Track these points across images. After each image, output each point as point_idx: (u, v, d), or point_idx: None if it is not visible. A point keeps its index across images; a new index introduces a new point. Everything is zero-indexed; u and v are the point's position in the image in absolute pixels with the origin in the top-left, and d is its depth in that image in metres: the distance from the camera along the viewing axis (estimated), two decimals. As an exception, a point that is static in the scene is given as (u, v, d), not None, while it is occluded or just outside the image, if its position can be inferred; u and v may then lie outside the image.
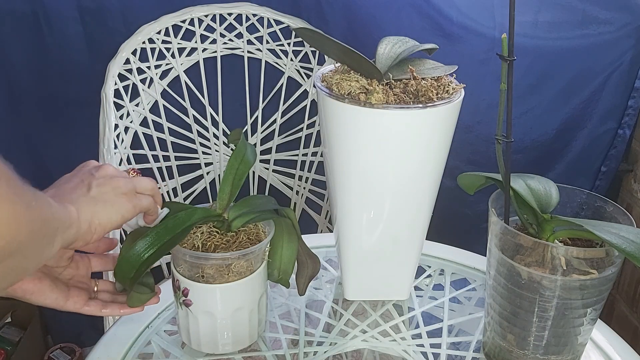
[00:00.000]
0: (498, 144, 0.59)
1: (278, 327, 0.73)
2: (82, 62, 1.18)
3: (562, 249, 0.57)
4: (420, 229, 0.73)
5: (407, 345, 0.71)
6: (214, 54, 1.22)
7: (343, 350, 0.70)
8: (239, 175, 0.65)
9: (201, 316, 0.64)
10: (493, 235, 0.62)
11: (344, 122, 0.65)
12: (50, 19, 1.14)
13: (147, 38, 1.15)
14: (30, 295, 0.58)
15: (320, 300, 0.78)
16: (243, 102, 1.26)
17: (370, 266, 0.75)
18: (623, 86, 1.28)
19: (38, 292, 0.58)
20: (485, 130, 1.27)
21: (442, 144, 0.67)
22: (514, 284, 0.60)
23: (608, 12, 1.23)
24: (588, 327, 0.61)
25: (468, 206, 1.33)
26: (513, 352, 0.64)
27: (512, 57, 0.55)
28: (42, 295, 0.59)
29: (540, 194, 0.63)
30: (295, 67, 1.25)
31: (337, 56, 0.67)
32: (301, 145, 1.30)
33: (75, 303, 0.62)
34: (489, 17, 1.21)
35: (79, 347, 1.46)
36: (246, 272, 0.64)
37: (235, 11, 1.20)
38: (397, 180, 0.67)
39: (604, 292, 0.59)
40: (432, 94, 0.64)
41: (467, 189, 0.71)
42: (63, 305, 0.61)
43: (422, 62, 0.70)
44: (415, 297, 0.79)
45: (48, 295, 0.59)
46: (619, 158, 1.35)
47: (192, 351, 0.68)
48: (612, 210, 0.63)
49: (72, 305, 0.62)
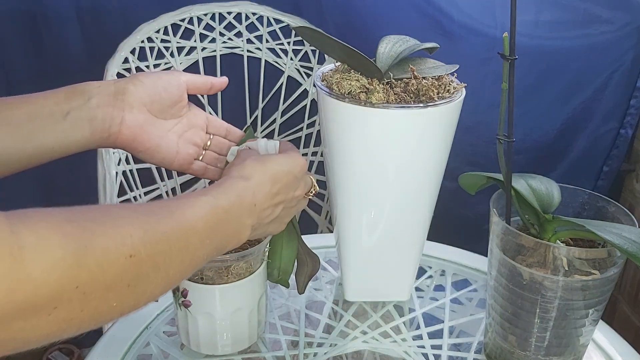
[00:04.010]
0: (499, 144, 0.59)
1: (278, 328, 0.73)
2: (80, 61, 1.18)
3: (564, 250, 0.57)
4: (421, 230, 0.73)
5: (407, 346, 0.71)
6: (213, 53, 1.22)
7: (343, 352, 0.70)
8: None
9: (200, 317, 0.64)
10: (494, 235, 0.62)
11: (344, 122, 0.64)
12: (49, 19, 1.14)
13: (146, 37, 1.15)
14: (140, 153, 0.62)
15: (321, 301, 0.78)
16: (243, 101, 1.25)
17: (371, 267, 0.74)
18: (625, 86, 1.28)
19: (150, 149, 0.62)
20: (486, 130, 1.26)
21: (443, 144, 0.67)
22: (516, 285, 0.60)
23: (609, 11, 1.23)
24: (590, 328, 0.61)
25: (469, 206, 1.33)
26: (514, 353, 0.63)
27: (514, 56, 0.55)
28: (155, 151, 0.62)
29: (542, 194, 0.62)
30: (295, 67, 1.25)
31: (337, 55, 0.67)
32: (301, 145, 1.29)
33: (184, 160, 0.64)
34: (490, 16, 1.20)
35: (78, 348, 1.46)
36: (245, 273, 0.64)
37: (235, 10, 1.20)
38: (398, 180, 0.67)
39: (605, 292, 0.59)
40: (433, 94, 0.63)
41: (468, 189, 0.71)
42: (172, 162, 0.64)
43: (423, 61, 0.70)
44: (416, 298, 0.79)
45: (160, 151, 0.62)
46: (621, 158, 1.35)
47: (191, 352, 0.67)
48: (614, 210, 0.63)
49: (179, 162, 0.64)
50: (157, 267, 0.42)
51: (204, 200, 0.48)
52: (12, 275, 0.33)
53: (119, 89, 0.60)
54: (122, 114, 0.60)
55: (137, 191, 1.17)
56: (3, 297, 0.33)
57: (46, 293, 0.35)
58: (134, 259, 0.39)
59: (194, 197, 0.48)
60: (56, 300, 0.35)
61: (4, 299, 0.33)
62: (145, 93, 0.61)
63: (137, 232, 0.40)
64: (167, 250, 0.43)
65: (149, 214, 0.43)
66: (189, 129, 0.66)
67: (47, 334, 0.37)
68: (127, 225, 0.40)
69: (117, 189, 1.11)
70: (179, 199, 0.47)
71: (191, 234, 0.45)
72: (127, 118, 0.60)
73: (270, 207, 0.56)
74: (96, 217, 0.39)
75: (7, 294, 0.33)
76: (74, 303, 0.36)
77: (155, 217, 0.43)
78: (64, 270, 0.35)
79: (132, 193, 1.16)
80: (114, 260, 0.38)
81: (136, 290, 0.41)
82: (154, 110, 0.62)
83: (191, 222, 0.46)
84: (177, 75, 0.65)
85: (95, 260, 0.37)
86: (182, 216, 0.45)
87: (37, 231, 0.35)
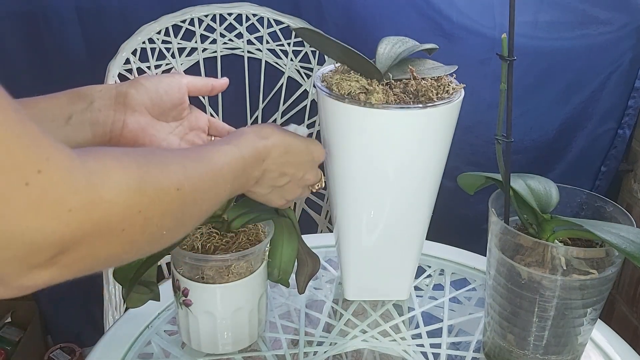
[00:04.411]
0: (498, 144, 0.59)
1: (278, 327, 0.73)
2: (81, 62, 1.18)
3: (562, 249, 0.57)
4: (420, 229, 0.73)
5: (407, 345, 0.71)
6: (214, 54, 1.22)
7: (343, 350, 0.70)
8: None
9: (201, 316, 0.64)
10: (493, 235, 0.62)
11: (344, 122, 0.65)
12: (50, 20, 1.14)
13: (147, 38, 1.15)
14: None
15: (320, 300, 0.78)
16: (243, 102, 1.25)
17: (370, 266, 0.75)
18: (623, 86, 1.28)
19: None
20: (485, 130, 1.27)
21: (442, 144, 0.67)
22: (514, 284, 0.60)
23: (608, 12, 1.23)
24: (588, 327, 0.61)
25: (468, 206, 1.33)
26: (513, 352, 0.64)
27: (512, 57, 0.55)
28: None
29: (540, 194, 0.63)
30: (295, 67, 1.25)
31: (337, 56, 0.67)
32: (301, 145, 1.29)
33: None
34: (489, 17, 1.21)
35: (79, 347, 1.46)
36: (246, 272, 0.64)
37: (235, 11, 1.20)
38: (397, 180, 0.67)
39: (604, 292, 0.59)
40: (432, 94, 0.64)
41: (467, 189, 0.71)
42: None
43: (422, 62, 0.70)
44: (415, 297, 0.79)
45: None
46: (619, 158, 1.35)
47: (192, 351, 0.68)
48: (612, 210, 0.63)
49: None
50: (195, 201, 0.47)
51: (227, 149, 0.53)
52: (89, 195, 0.36)
53: (120, 93, 0.61)
54: (124, 117, 0.61)
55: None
56: (85, 213, 0.36)
57: (117, 214, 0.38)
58: (180, 192, 0.44)
59: (219, 145, 0.53)
60: (124, 221, 0.39)
61: (86, 215, 0.36)
62: (147, 96, 0.62)
63: (181, 170, 0.45)
64: (203, 189, 0.48)
65: (186, 157, 0.48)
66: (191, 131, 0.67)
67: (115, 255, 0.40)
68: (171, 165, 0.44)
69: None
70: (208, 146, 0.52)
71: (219, 176, 0.51)
72: (129, 121, 0.61)
73: (277, 172, 0.59)
74: (148, 155, 0.44)
75: (87, 211, 0.36)
76: (137, 226, 0.40)
77: (192, 160, 0.48)
78: (129, 195, 0.39)
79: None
80: (166, 190, 0.42)
81: (181, 220, 0.46)
82: (155, 113, 0.63)
83: (219, 166, 0.51)
84: (178, 77, 0.65)
85: (152, 189, 0.41)
86: (212, 161, 0.50)
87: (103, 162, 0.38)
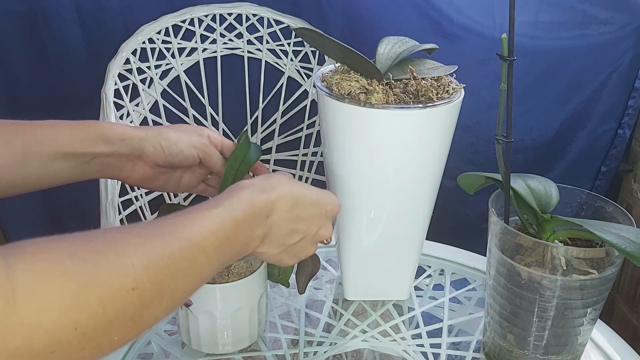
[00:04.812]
0: (498, 144, 0.59)
1: (278, 327, 0.73)
2: (81, 62, 1.18)
3: (562, 249, 0.57)
4: (420, 229, 0.73)
5: (407, 345, 0.71)
6: (214, 54, 1.22)
7: (343, 350, 0.70)
8: (239, 175, 0.65)
9: (201, 316, 0.64)
10: (493, 235, 0.62)
11: (344, 122, 0.65)
12: (50, 20, 1.14)
13: (147, 38, 1.15)
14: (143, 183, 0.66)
15: (320, 300, 0.78)
16: (243, 102, 1.26)
17: (370, 266, 0.75)
18: (623, 86, 1.28)
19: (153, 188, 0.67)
20: (485, 130, 1.27)
21: (442, 144, 0.67)
22: (514, 284, 0.60)
23: (608, 12, 1.23)
24: (588, 327, 0.61)
25: (468, 206, 1.33)
26: (513, 352, 0.64)
27: (512, 57, 0.55)
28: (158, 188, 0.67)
29: (540, 194, 0.63)
30: (295, 67, 1.25)
31: (337, 56, 0.67)
32: (301, 145, 1.30)
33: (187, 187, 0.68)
34: (489, 17, 1.21)
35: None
36: (246, 272, 0.64)
37: (235, 11, 1.20)
38: (397, 180, 0.67)
39: (604, 292, 0.59)
40: (432, 94, 0.64)
41: (467, 188, 0.71)
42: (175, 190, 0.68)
43: (422, 62, 0.70)
44: (415, 297, 0.79)
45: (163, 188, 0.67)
46: (619, 158, 1.35)
47: (192, 351, 0.68)
48: (612, 210, 0.63)
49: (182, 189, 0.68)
50: (161, 293, 0.40)
51: (215, 214, 0.46)
52: (5, 320, 0.31)
53: (138, 147, 0.62)
54: (134, 168, 0.63)
55: (138, 191, 1.18)
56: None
57: (42, 338, 0.33)
58: (137, 290, 0.38)
59: (205, 209, 0.46)
60: (53, 344, 0.34)
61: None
62: (160, 157, 0.63)
63: (141, 260, 0.39)
64: (173, 273, 0.41)
65: (155, 236, 0.41)
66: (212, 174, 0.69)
67: None
68: (130, 254, 0.38)
69: (119, 189, 1.11)
70: (189, 213, 0.45)
71: (198, 251, 0.44)
72: (137, 171, 0.64)
73: (286, 229, 0.53)
74: (99, 247, 0.38)
75: (1, 339, 0.31)
76: (73, 345, 0.35)
77: (161, 240, 0.41)
78: (61, 313, 0.34)
79: (134, 193, 1.17)
80: (115, 294, 0.37)
81: (139, 321, 0.39)
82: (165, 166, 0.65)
83: (199, 238, 0.44)
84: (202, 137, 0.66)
85: (96, 298, 0.35)
86: (190, 233, 0.43)
87: (34, 271, 0.33)
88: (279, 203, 0.52)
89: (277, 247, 0.55)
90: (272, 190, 0.52)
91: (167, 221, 0.44)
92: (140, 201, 1.17)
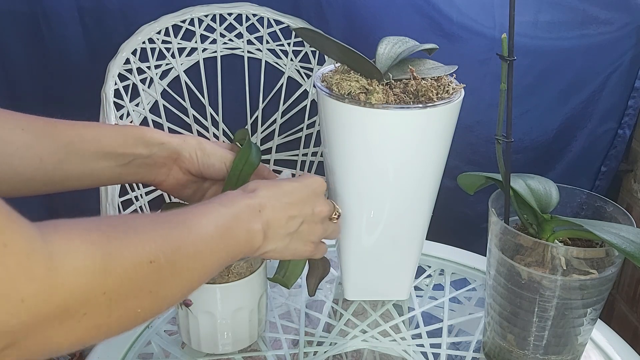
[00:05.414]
0: (498, 144, 0.59)
1: (278, 327, 0.73)
2: (82, 62, 1.18)
3: (562, 249, 0.57)
4: (420, 229, 0.73)
5: (407, 345, 0.71)
6: (214, 54, 1.22)
7: (343, 350, 0.70)
8: (243, 176, 0.64)
9: (201, 316, 0.64)
10: (493, 235, 0.62)
11: (344, 122, 0.65)
12: (50, 19, 1.14)
13: (147, 38, 1.15)
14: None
15: (320, 300, 0.78)
16: (243, 102, 1.26)
17: (370, 266, 0.75)
18: (623, 86, 1.28)
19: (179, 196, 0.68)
20: (485, 130, 1.27)
21: (442, 144, 0.67)
22: (514, 284, 0.60)
23: (608, 12, 1.23)
24: (588, 327, 0.61)
25: (468, 206, 1.33)
26: (513, 352, 0.64)
27: (512, 57, 0.55)
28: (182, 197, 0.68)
29: (540, 194, 0.63)
30: (295, 67, 1.25)
31: (337, 56, 0.67)
32: (301, 145, 1.30)
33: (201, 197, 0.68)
34: (489, 17, 1.21)
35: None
36: (246, 272, 0.64)
37: (235, 11, 1.20)
38: (397, 180, 0.67)
39: (604, 292, 0.59)
40: (432, 94, 0.64)
41: (467, 188, 0.71)
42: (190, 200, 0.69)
43: (422, 62, 0.70)
44: (415, 297, 0.79)
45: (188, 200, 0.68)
46: (619, 158, 1.35)
47: (192, 351, 0.68)
48: (612, 210, 0.63)
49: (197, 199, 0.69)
50: (175, 273, 0.43)
51: (213, 207, 0.50)
52: (47, 281, 0.34)
53: (175, 152, 0.64)
54: (170, 172, 0.65)
55: (139, 191, 1.18)
56: (40, 302, 0.34)
57: (77, 298, 0.36)
58: (154, 264, 0.41)
59: (205, 204, 0.50)
60: (85, 305, 0.36)
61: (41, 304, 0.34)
62: (194, 166, 0.65)
63: (156, 239, 0.42)
64: (185, 258, 0.44)
65: (165, 222, 0.45)
66: None
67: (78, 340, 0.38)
68: (147, 233, 0.42)
69: (119, 189, 1.11)
70: (192, 209, 0.49)
71: (206, 242, 0.47)
72: (172, 176, 0.65)
73: (283, 218, 0.55)
74: (119, 225, 0.41)
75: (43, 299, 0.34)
76: (102, 309, 0.38)
77: (170, 226, 0.45)
78: (92, 277, 0.36)
79: (134, 193, 1.17)
80: (137, 265, 0.40)
81: (158, 295, 0.42)
82: (197, 176, 0.66)
83: (206, 230, 0.47)
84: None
85: (120, 266, 0.38)
86: (196, 226, 0.47)
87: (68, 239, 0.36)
88: (265, 199, 0.54)
89: (283, 239, 0.56)
90: (254, 191, 0.54)
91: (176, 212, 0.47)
92: (140, 201, 1.17)
